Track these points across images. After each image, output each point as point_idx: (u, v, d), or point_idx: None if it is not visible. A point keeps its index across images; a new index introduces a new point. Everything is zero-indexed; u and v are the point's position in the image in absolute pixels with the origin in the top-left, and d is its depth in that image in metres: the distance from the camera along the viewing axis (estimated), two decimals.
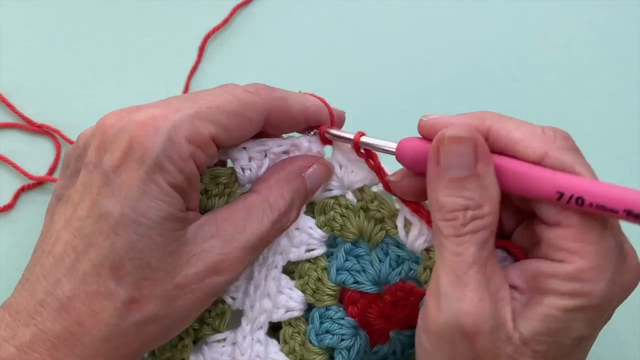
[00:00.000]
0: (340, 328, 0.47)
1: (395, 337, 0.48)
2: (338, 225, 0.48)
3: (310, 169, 0.47)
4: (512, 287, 0.40)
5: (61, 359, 0.40)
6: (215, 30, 0.58)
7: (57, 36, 0.58)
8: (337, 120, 0.48)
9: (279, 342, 0.48)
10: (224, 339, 0.48)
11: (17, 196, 0.55)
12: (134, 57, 0.58)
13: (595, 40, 0.60)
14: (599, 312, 0.39)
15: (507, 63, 0.60)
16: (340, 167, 0.48)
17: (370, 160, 0.46)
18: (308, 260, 0.48)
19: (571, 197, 0.38)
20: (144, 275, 0.40)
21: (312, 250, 0.48)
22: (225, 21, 0.59)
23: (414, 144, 0.42)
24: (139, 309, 0.41)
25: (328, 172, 0.47)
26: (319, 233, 0.48)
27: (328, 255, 0.48)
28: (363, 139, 0.45)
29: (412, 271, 0.47)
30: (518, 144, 0.40)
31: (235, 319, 0.48)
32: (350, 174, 0.47)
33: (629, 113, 0.58)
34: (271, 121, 0.45)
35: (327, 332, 0.47)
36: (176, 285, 0.42)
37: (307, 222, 0.48)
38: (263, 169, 0.46)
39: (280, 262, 0.48)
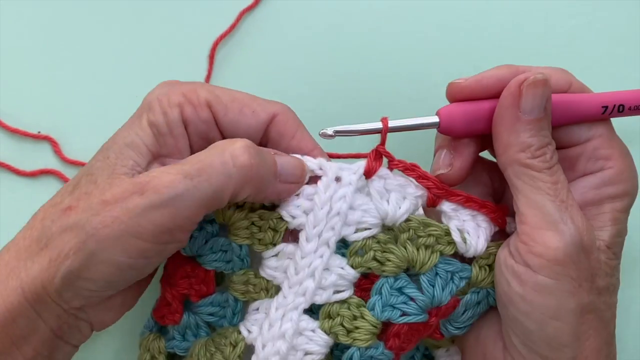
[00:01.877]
0: None
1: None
2: (377, 263, 0.45)
3: (283, 155, 0.45)
4: None
5: (5, 260, 0.43)
6: (223, 36, 0.58)
7: (67, 53, 0.58)
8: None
9: None
10: None
11: None
12: (144, 69, 0.58)
13: (596, 40, 0.60)
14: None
15: (507, 63, 0.60)
16: (381, 198, 0.45)
17: (410, 172, 0.45)
18: (336, 301, 0.45)
19: (614, 107, 0.46)
20: (88, 190, 0.43)
21: (341, 292, 0.45)
22: (232, 27, 0.58)
23: (462, 108, 0.46)
24: (67, 216, 0.42)
25: (302, 168, 0.46)
26: (351, 274, 0.45)
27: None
28: (392, 122, 0.45)
29: (462, 281, 0.46)
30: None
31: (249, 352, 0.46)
32: (396, 207, 0.45)
33: None
34: (276, 127, 0.46)
35: None
36: (103, 200, 0.41)
37: (337, 262, 0.45)
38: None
39: (303, 304, 0.45)
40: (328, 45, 0.59)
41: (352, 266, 0.45)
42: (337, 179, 0.45)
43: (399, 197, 0.45)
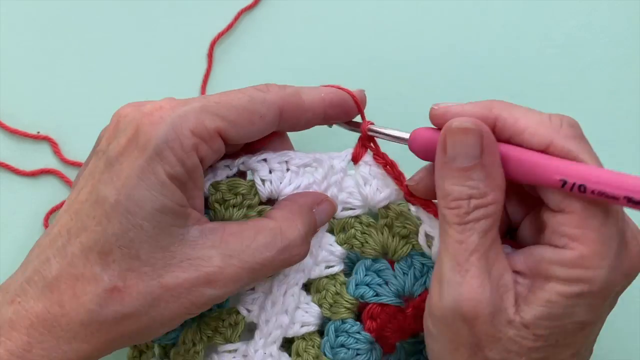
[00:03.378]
0: (356, 342, 0.46)
1: (400, 345, 0.49)
2: (358, 242, 0.47)
3: (320, 206, 0.46)
4: (517, 272, 0.41)
5: (38, 339, 0.40)
6: (221, 35, 0.58)
7: (66, 53, 0.58)
8: (360, 101, 0.48)
9: (290, 355, 0.47)
10: (235, 350, 0.47)
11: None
12: (143, 68, 0.58)
13: (595, 40, 0.60)
14: (600, 298, 0.40)
15: (508, 63, 0.60)
16: (365, 183, 0.47)
17: (389, 168, 0.47)
18: (326, 276, 0.48)
19: (574, 184, 0.38)
20: (131, 266, 0.40)
21: (331, 267, 0.48)
22: (230, 25, 0.58)
23: (426, 133, 0.44)
24: (120, 300, 0.40)
25: (334, 210, 0.47)
26: (339, 250, 0.48)
27: (346, 272, 0.48)
28: (372, 127, 0.47)
29: None
30: (524, 132, 0.40)
31: (246, 330, 0.48)
32: (376, 192, 0.47)
33: (629, 113, 0.58)
34: (286, 117, 0.45)
35: (342, 345, 0.47)
36: (162, 285, 0.40)
37: (327, 239, 0.48)
38: (284, 183, 0.46)
39: (302, 279, 0.47)
40: (327, 45, 0.59)
41: (338, 243, 0.48)
42: (330, 168, 0.47)
43: (380, 184, 0.47)
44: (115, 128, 0.42)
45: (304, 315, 0.47)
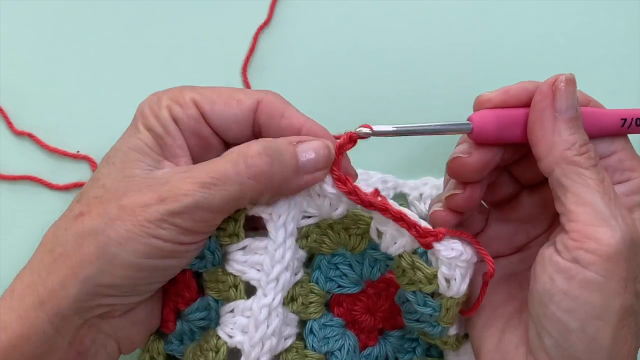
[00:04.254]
0: (332, 330, 0.48)
1: (384, 339, 0.50)
2: (316, 244, 0.48)
3: (305, 143, 0.45)
4: None
5: (23, 279, 0.43)
6: (248, 58, 0.59)
7: (108, 79, 0.59)
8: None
9: None
10: None
11: None
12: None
13: (595, 40, 0.60)
14: None
15: (508, 63, 0.60)
16: (319, 196, 0.47)
17: (340, 183, 0.45)
18: (294, 284, 0.48)
19: (632, 120, 0.47)
20: (97, 194, 0.43)
21: (297, 273, 0.48)
22: (252, 48, 0.60)
23: (494, 112, 0.46)
24: (82, 222, 0.42)
25: (328, 153, 0.45)
26: (303, 256, 0.48)
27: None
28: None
29: (389, 266, 0.48)
30: None
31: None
32: (330, 209, 0.47)
33: None
34: (263, 109, 0.46)
35: (325, 337, 0.48)
36: (120, 206, 0.42)
37: (294, 247, 0.47)
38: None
39: (281, 295, 0.46)
40: (347, 54, 0.60)
41: (301, 248, 0.48)
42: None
43: (335, 200, 0.46)
44: None
45: (287, 328, 0.47)
